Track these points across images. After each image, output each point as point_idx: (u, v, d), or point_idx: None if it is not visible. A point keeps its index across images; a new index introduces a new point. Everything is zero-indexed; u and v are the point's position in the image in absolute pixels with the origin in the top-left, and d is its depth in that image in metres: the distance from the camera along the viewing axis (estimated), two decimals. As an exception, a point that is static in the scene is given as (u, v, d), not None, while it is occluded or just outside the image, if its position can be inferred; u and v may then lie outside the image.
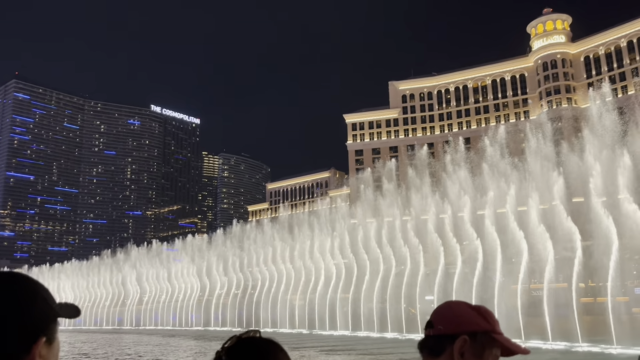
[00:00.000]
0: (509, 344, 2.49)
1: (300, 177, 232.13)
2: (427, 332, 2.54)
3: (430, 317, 2.57)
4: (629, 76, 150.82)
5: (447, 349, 2.43)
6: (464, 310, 2.53)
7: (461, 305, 2.58)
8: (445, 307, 2.58)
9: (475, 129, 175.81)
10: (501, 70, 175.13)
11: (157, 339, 72.81)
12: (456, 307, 2.56)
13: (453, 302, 2.61)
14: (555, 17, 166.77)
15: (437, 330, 2.48)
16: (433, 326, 2.51)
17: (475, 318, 2.49)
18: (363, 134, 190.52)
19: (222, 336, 65.35)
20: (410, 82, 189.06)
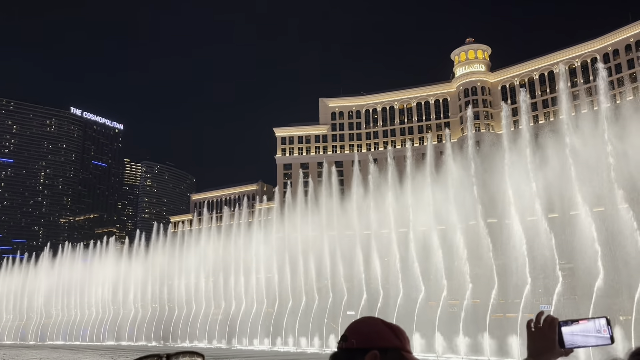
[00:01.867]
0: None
1: (227, 189, 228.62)
2: (340, 345, 2.60)
3: (345, 331, 2.63)
4: (540, 106, 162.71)
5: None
6: (378, 326, 2.59)
7: (376, 321, 2.63)
8: (360, 322, 2.65)
9: (399, 149, 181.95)
10: (426, 93, 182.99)
11: (57, 354, 68.22)
12: (370, 323, 2.61)
13: (368, 318, 2.67)
14: (477, 47, 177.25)
15: (350, 343, 2.54)
16: (347, 340, 2.57)
17: (388, 335, 2.55)
18: (292, 148, 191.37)
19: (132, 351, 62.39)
20: (340, 100, 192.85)
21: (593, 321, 2.60)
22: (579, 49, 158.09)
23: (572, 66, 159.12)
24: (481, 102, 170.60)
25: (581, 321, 2.60)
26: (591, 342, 2.54)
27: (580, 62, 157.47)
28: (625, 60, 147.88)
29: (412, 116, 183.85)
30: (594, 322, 2.59)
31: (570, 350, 2.62)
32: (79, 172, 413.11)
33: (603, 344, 2.54)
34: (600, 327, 2.58)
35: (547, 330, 2.65)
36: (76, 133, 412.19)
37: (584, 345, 2.57)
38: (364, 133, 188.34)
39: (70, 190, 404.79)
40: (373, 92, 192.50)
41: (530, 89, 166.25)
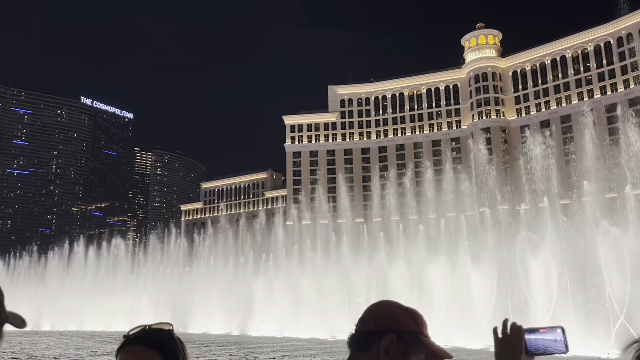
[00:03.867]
0: (433, 347, 2.57)
1: (237, 177, 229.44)
2: (358, 327, 2.61)
3: (363, 314, 2.64)
4: (551, 92, 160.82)
5: (374, 346, 2.49)
6: (396, 309, 2.61)
7: (394, 304, 2.65)
8: (379, 305, 2.66)
9: (409, 136, 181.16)
10: (436, 80, 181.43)
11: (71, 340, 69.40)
12: (389, 306, 2.64)
13: (387, 301, 2.68)
14: (487, 32, 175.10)
15: (367, 326, 2.56)
16: (364, 322, 2.59)
17: (405, 318, 2.57)
18: (301, 136, 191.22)
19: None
20: (349, 87, 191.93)
21: (552, 330, 2.70)
22: (591, 33, 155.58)
23: (585, 50, 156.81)
24: (492, 88, 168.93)
25: (541, 329, 2.71)
26: (550, 350, 2.66)
27: (594, 46, 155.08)
28: (639, 43, 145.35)
29: (422, 103, 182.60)
30: (553, 331, 2.70)
31: (533, 357, 2.71)
32: (90, 161, 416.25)
33: (560, 352, 2.65)
34: (557, 335, 2.68)
35: (516, 337, 2.72)
36: (86, 122, 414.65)
37: (544, 352, 2.67)
38: (373, 120, 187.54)
39: (82, 180, 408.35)
40: (382, 79, 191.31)
41: (541, 74, 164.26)
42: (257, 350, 44.02)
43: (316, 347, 47.21)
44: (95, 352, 43.83)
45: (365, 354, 2.53)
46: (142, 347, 2.36)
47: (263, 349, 45.22)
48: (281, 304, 76.67)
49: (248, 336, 71.40)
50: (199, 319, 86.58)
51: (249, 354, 40.79)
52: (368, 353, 2.52)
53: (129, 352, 2.37)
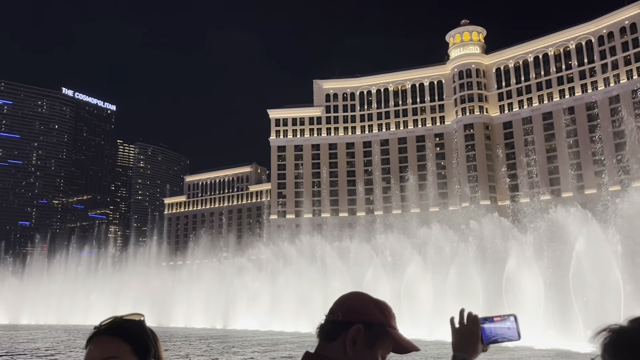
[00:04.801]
0: (401, 340, 2.59)
1: (221, 171, 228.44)
2: (327, 317, 2.63)
3: (332, 304, 2.66)
4: (534, 89, 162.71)
5: (342, 336, 2.51)
6: (364, 301, 2.63)
7: (363, 296, 2.67)
8: (348, 296, 2.68)
9: (394, 131, 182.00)
10: (421, 76, 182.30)
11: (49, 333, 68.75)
12: (358, 297, 2.66)
13: (356, 293, 2.70)
14: (472, 28, 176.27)
15: (336, 316, 2.58)
16: (333, 313, 2.61)
17: (374, 310, 2.59)
18: (286, 131, 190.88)
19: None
20: (334, 82, 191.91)
21: (505, 318, 2.79)
22: (573, 32, 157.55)
23: (567, 48, 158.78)
24: (475, 85, 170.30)
25: (496, 318, 2.80)
26: (505, 338, 2.74)
27: (575, 45, 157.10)
28: (620, 42, 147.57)
29: (406, 98, 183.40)
30: (506, 319, 2.78)
31: (488, 346, 2.80)
32: (71, 153, 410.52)
33: (513, 339, 2.75)
34: (510, 323, 2.77)
35: (473, 326, 2.77)
36: (68, 114, 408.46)
37: (500, 340, 2.75)
38: (358, 115, 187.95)
39: (63, 172, 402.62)
40: (367, 74, 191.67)
41: (524, 72, 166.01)
42: (239, 344, 44.11)
43: (298, 340, 47.45)
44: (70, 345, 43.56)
45: (333, 344, 2.54)
46: (112, 338, 2.36)
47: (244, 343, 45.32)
48: (265, 298, 76.76)
49: (231, 330, 71.38)
50: (181, 313, 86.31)
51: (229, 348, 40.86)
52: (335, 343, 2.53)
53: (98, 343, 2.37)
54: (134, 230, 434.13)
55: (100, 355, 2.34)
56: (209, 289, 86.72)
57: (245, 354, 37.16)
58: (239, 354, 37.11)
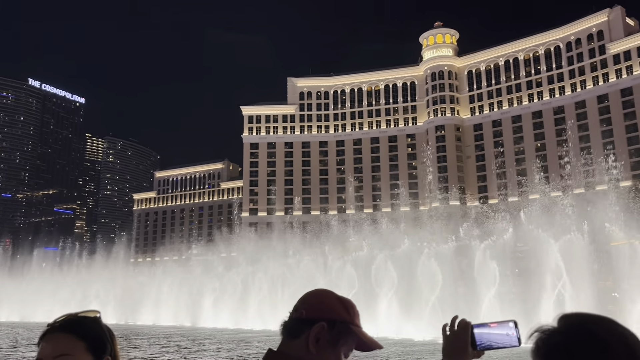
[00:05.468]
0: (365, 338, 2.58)
1: (192, 167, 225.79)
2: (291, 315, 2.62)
3: (297, 302, 2.65)
4: (504, 92, 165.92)
5: (305, 333, 2.50)
6: (329, 298, 2.62)
7: (328, 293, 2.66)
8: (312, 294, 2.67)
9: (367, 131, 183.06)
10: (394, 76, 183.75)
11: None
12: (322, 295, 2.65)
13: (321, 290, 2.69)
14: (445, 31, 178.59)
15: (299, 314, 2.56)
16: (297, 310, 2.60)
17: (338, 308, 2.58)
18: (259, 128, 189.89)
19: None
20: (309, 80, 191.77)
21: (503, 324, 2.72)
22: (543, 37, 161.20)
23: (536, 53, 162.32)
24: (447, 87, 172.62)
25: (492, 324, 2.74)
26: (501, 344, 2.68)
27: (544, 50, 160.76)
28: (587, 49, 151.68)
29: (379, 98, 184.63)
30: (504, 325, 2.72)
31: (482, 352, 2.76)
32: (37, 146, 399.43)
33: (511, 345, 2.69)
34: (509, 329, 2.70)
35: (462, 333, 2.76)
36: (34, 106, 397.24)
37: (495, 346, 2.69)
38: (332, 114, 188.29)
39: (28, 165, 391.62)
40: (342, 73, 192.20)
41: (495, 75, 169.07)
42: (207, 342, 43.73)
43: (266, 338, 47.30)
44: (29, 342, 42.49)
45: (296, 341, 2.52)
46: (65, 335, 2.31)
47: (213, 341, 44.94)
48: (234, 296, 76.29)
49: (200, 328, 70.71)
50: (149, 311, 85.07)
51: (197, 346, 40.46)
52: (298, 340, 2.51)
53: (50, 340, 2.32)
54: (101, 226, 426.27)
55: (52, 353, 2.28)
56: (178, 286, 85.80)
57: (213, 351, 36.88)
58: (206, 352, 36.80)
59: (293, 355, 2.50)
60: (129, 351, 37.88)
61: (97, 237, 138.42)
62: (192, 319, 79.86)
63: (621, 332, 1.76)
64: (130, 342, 45.15)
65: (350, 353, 2.61)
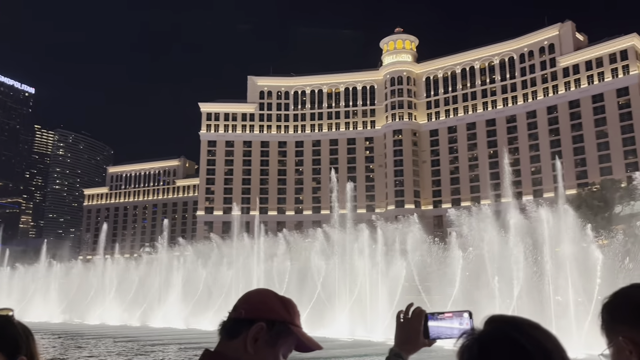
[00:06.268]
0: (304, 338, 2.54)
1: (147, 163, 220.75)
2: (230, 314, 2.57)
3: (237, 301, 2.60)
4: (460, 100, 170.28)
5: (243, 333, 2.45)
6: (269, 298, 2.57)
7: (268, 293, 2.62)
8: (252, 293, 2.63)
9: (326, 133, 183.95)
10: (354, 79, 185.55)
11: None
12: (262, 294, 2.60)
13: (261, 290, 2.66)
14: (405, 37, 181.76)
15: (238, 313, 2.51)
16: (236, 310, 2.55)
17: (278, 307, 2.52)
18: (218, 125, 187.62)
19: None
20: (269, 80, 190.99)
21: (458, 315, 2.73)
22: (498, 48, 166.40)
23: (491, 63, 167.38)
24: (406, 92, 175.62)
25: (446, 314, 2.74)
26: (454, 334, 2.64)
27: (499, 60, 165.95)
28: (539, 61, 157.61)
29: (339, 101, 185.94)
30: (459, 316, 2.72)
31: (434, 341, 2.76)
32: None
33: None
34: (463, 320, 2.70)
35: (414, 321, 2.76)
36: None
37: (447, 337, 2.68)
38: (291, 114, 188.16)
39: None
40: (303, 74, 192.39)
41: (452, 82, 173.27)
42: (156, 343, 42.85)
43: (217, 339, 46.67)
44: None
45: (234, 341, 2.47)
46: None
47: (162, 341, 44.08)
48: (187, 295, 75.05)
49: (150, 328, 69.18)
50: (96, 310, 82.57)
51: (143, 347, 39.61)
52: (236, 341, 2.46)
53: None
54: (49, 222, 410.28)
55: None
56: (127, 284, 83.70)
57: (159, 353, 36.20)
58: (152, 353, 36.08)
59: (230, 355, 2.45)
60: (73, 351, 36.69)
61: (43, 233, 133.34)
62: (142, 318, 78.05)
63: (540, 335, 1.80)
64: (76, 341, 43.76)
65: (290, 353, 2.56)
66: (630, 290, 2.22)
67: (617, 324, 2.14)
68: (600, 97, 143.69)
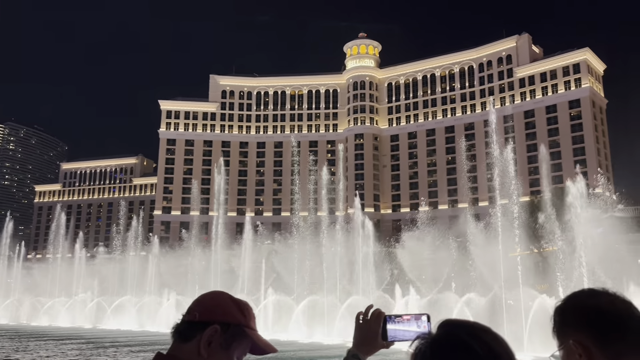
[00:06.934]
0: (259, 341, 2.52)
1: (103, 160, 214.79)
2: (183, 317, 2.53)
3: (191, 303, 2.56)
4: (420, 106, 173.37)
5: (197, 336, 2.40)
6: (224, 300, 2.53)
7: (223, 295, 2.58)
8: (207, 296, 2.59)
9: (288, 134, 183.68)
10: (318, 82, 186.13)
11: None
12: (217, 297, 2.56)
13: (216, 292, 2.62)
14: (368, 42, 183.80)
15: (192, 316, 2.47)
16: (190, 312, 2.51)
17: (233, 310, 2.49)
18: (178, 124, 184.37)
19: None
20: (232, 79, 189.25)
21: (416, 317, 2.73)
22: (458, 57, 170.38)
23: (452, 71, 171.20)
24: (368, 97, 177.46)
25: (405, 317, 2.75)
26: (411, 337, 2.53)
27: (459, 69, 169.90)
28: (497, 71, 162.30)
29: (302, 103, 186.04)
30: (417, 319, 2.73)
31: (392, 343, 2.76)
32: None
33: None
34: (421, 323, 2.70)
35: (373, 323, 2.75)
36: None
37: (404, 339, 2.66)
38: (254, 115, 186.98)
39: None
40: (266, 75, 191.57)
41: (413, 89, 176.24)
42: (108, 344, 41.69)
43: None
44: None
45: (187, 344, 2.42)
46: None
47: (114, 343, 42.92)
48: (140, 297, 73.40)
49: (102, 330, 67.29)
50: (46, 311, 79.66)
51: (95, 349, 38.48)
52: (190, 344, 2.42)
53: None
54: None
55: None
56: (78, 285, 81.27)
57: (112, 354, 35.25)
58: (103, 355, 35.09)
59: (183, 358, 2.40)
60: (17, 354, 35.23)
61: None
62: (94, 320, 75.80)
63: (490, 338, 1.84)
64: (21, 343, 42.13)
65: (244, 356, 2.53)
66: (581, 294, 2.28)
67: (567, 327, 2.20)
68: (553, 108, 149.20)
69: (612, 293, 2.25)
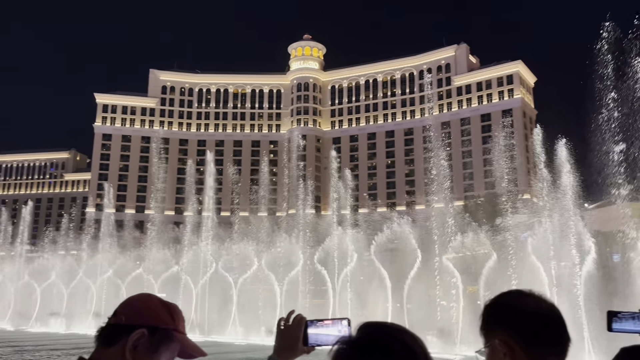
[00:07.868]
0: (187, 344, 2.47)
1: (31, 154, 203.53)
2: (109, 320, 2.44)
3: (118, 306, 2.48)
4: (362, 110, 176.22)
5: (122, 340, 2.33)
6: (152, 303, 2.47)
7: (151, 298, 2.52)
8: (134, 298, 2.53)
9: (230, 133, 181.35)
10: (262, 82, 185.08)
11: None
12: (145, 300, 2.50)
13: (144, 294, 2.56)
14: (313, 44, 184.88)
15: (118, 319, 2.40)
16: (116, 315, 2.43)
17: (161, 313, 2.44)
18: (114, 118, 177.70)
19: None
20: (172, 75, 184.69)
21: (337, 322, 2.77)
22: (400, 63, 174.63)
23: (393, 77, 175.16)
24: (312, 99, 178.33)
25: (326, 321, 2.80)
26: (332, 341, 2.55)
27: (400, 75, 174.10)
28: (436, 79, 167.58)
29: (245, 102, 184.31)
30: (337, 323, 2.76)
31: (312, 348, 2.79)
32: None
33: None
34: (342, 327, 2.75)
35: (294, 328, 2.77)
36: None
37: (326, 344, 2.69)
38: (195, 112, 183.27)
39: None
40: (208, 72, 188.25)
41: (356, 93, 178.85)
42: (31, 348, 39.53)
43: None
44: None
45: (112, 348, 2.34)
46: None
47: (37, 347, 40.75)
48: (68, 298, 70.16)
49: (25, 333, 63.69)
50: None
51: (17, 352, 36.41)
52: (114, 348, 2.33)
53: None
54: None
55: None
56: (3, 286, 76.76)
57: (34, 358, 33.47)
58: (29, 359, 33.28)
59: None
60: None
61: None
62: (16, 322, 71.65)
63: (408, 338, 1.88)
64: None
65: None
66: (509, 295, 2.38)
67: (494, 327, 2.31)
68: (488, 117, 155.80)
69: (538, 295, 2.34)
